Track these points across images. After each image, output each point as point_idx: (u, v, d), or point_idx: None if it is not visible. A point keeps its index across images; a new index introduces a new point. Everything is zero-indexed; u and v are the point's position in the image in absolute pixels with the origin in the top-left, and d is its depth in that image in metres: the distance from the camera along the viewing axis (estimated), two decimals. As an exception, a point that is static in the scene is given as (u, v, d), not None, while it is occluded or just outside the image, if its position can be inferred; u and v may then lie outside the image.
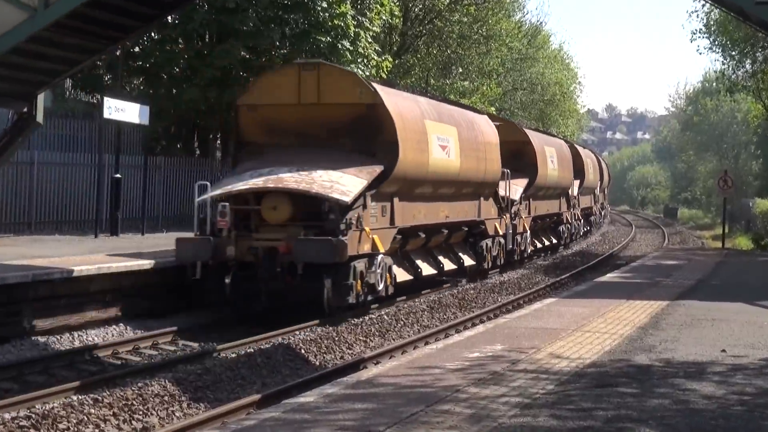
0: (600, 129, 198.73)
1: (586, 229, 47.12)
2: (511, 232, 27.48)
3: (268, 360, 13.81)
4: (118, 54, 25.48)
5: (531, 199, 31.34)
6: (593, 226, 51.12)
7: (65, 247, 19.58)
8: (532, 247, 31.75)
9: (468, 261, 23.90)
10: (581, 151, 44.73)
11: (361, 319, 17.53)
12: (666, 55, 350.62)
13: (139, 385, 11.76)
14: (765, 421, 7.73)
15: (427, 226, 21.09)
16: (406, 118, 19.50)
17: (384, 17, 34.50)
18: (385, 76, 31.28)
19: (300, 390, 10.84)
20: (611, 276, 22.24)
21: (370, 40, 31.18)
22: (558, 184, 35.57)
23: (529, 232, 30.67)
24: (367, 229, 17.58)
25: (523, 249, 30.11)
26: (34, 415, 10.24)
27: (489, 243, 25.44)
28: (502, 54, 52.12)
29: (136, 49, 28.71)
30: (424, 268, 21.18)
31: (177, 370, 12.88)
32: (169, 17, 24.21)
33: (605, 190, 60.61)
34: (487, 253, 25.28)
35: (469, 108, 28.53)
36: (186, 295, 18.06)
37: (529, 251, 31.19)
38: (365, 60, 30.18)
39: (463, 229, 23.89)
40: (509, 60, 56.53)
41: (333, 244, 16.26)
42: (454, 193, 22.74)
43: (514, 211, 28.08)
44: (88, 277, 15.78)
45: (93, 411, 10.56)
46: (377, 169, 18.30)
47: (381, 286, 18.22)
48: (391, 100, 19.15)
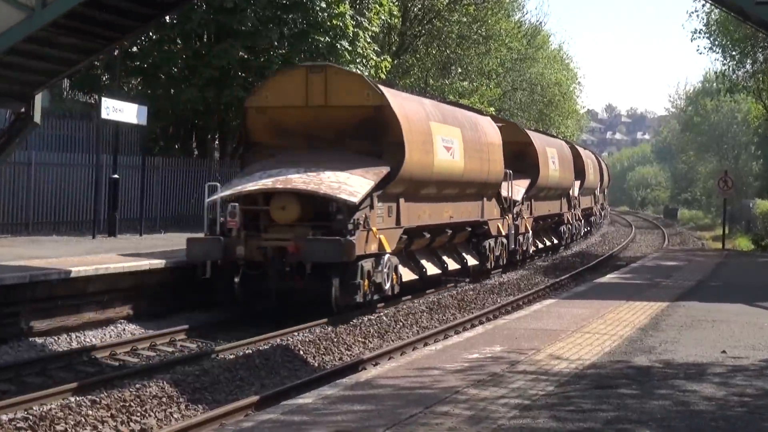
0: (600, 129, 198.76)
1: (586, 229, 47.26)
2: (513, 232, 27.61)
3: (266, 361, 13.79)
4: (115, 54, 25.43)
5: (533, 200, 31.50)
6: (593, 226, 51.20)
7: (63, 248, 19.54)
8: (533, 248, 31.86)
9: (471, 261, 24.04)
10: (582, 151, 44.90)
11: (359, 320, 17.53)
12: (666, 55, 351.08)
13: (137, 386, 11.72)
14: (766, 423, 7.72)
15: (431, 226, 21.27)
16: (412, 119, 19.69)
17: (383, 17, 34.49)
18: (383, 76, 31.26)
19: (298, 391, 10.81)
20: (611, 277, 22.22)
21: (368, 40, 31.17)
22: (559, 184, 35.72)
23: (531, 232, 30.78)
24: (374, 229, 17.77)
25: (525, 249, 30.22)
26: (31, 417, 10.23)
27: (492, 243, 25.56)
28: (502, 54, 52.11)
29: (134, 49, 28.71)
30: (429, 267, 21.38)
31: (175, 372, 12.85)
32: (167, 17, 24.17)
33: (605, 190, 60.76)
34: (490, 254, 25.42)
35: (473, 109, 28.67)
36: (184, 296, 18.07)
37: (531, 251, 31.32)
38: (364, 60, 30.16)
39: (467, 229, 24.04)
40: (509, 60, 56.49)
41: (341, 244, 16.47)
42: (458, 193, 22.90)
43: (516, 211, 28.19)
44: (86, 277, 15.71)
45: (91, 412, 10.54)
46: (384, 170, 18.51)
47: (387, 286, 18.43)
48: (397, 102, 19.36)
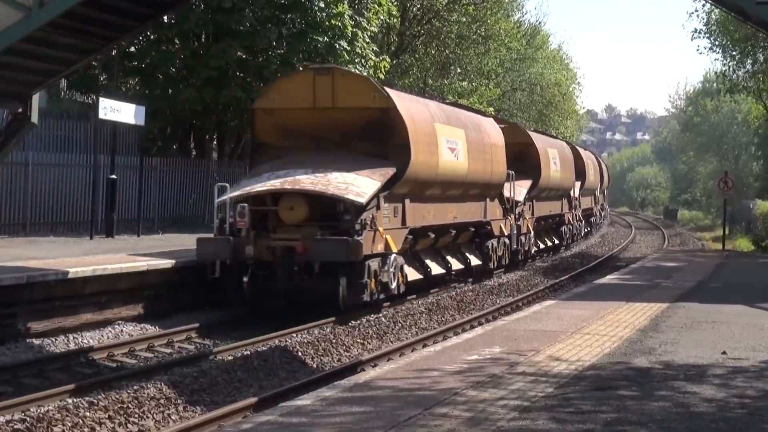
0: (599, 130, 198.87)
1: (586, 230, 47.46)
2: (515, 232, 27.83)
3: (264, 363, 13.75)
4: (113, 54, 25.37)
5: (534, 200, 31.74)
6: (593, 227, 51.30)
7: (60, 249, 19.50)
8: (535, 248, 32.09)
9: (474, 261, 24.26)
10: (582, 152, 45.17)
11: (359, 321, 17.50)
12: (666, 55, 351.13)
13: (134, 387, 11.68)
14: (766, 424, 7.70)
15: (436, 226, 21.51)
16: (418, 121, 19.94)
17: (382, 17, 34.44)
18: (382, 76, 31.21)
19: (297, 393, 10.78)
20: (611, 278, 22.22)
21: (367, 40, 31.13)
22: (560, 185, 35.99)
23: (532, 232, 30.99)
24: (380, 229, 17.99)
25: (527, 249, 30.44)
26: (28, 419, 10.18)
27: (495, 243, 25.77)
28: (501, 54, 52.08)
29: (132, 49, 28.63)
30: (433, 267, 21.62)
31: (173, 373, 12.81)
32: (165, 17, 24.12)
33: (605, 191, 60.88)
34: (493, 253, 25.61)
35: (476, 110, 28.92)
36: (183, 297, 18.13)
37: (532, 252, 31.55)
38: (363, 60, 30.12)
39: (470, 229, 24.27)
40: (508, 60, 56.47)
41: (349, 244, 16.71)
42: (462, 194, 23.13)
43: (518, 212, 28.42)
44: (83, 278, 15.67)
45: (88, 414, 10.50)
46: (390, 171, 18.75)
47: (394, 285, 18.66)
48: (403, 104, 19.62)
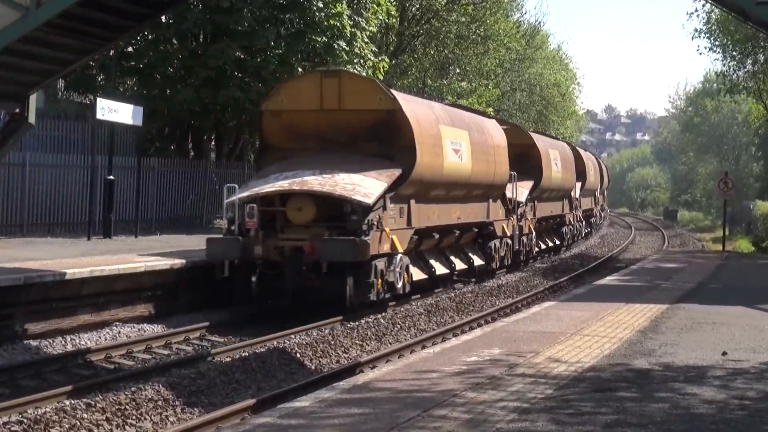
0: (599, 130, 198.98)
1: (587, 230, 47.65)
2: (517, 233, 28.05)
3: (263, 364, 13.69)
4: (111, 54, 25.36)
5: (536, 201, 31.96)
6: (593, 227, 51.37)
7: (57, 250, 19.46)
8: (537, 248, 32.31)
9: (477, 261, 24.47)
10: (582, 153, 45.46)
11: (357, 323, 17.49)
12: (666, 55, 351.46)
13: (132, 389, 11.64)
14: (766, 426, 7.69)
15: (440, 226, 21.74)
16: (423, 123, 20.17)
17: (380, 17, 34.40)
18: (381, 76, 31.15)
19: (295, 394, 10.75)
20: (610, 279, 22.22)
21: (366, 41, 31.09)
22: (561, 186, 36.26)
23: (534, 233, 31.22)
24: (387, 229, 18.21)
25: (529, 250, 30.68)
26: (26, 420, 10.15)
27: (497, 243, 25.96)
28: (500, 54, 52.01)
29: (130, 49, 28.61)
30: (438, 267, 21.85)
31: (171, 375, 12.78)
32: (162, 17, 24.08)
33: (605, 192, 60.98)
34: (496, 254, 25.80)
35: (479, 112, 29.17)
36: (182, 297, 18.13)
37: (534, 252, 31.78)
38: (361, 60, 30.07)
39: (473, 230, 24.47)
40: (507, 60, 56.37)
41: (356, 244, 16.95)
42: (466, 195, 23.36)
43: (520, 212, 28.64)
44: (81, 279, 15.60)
45: (86, 416, 10.46)
46: (396, 172, 18.99)
47: (399, 285, 18.89)
48: (409, 106, 19.85)
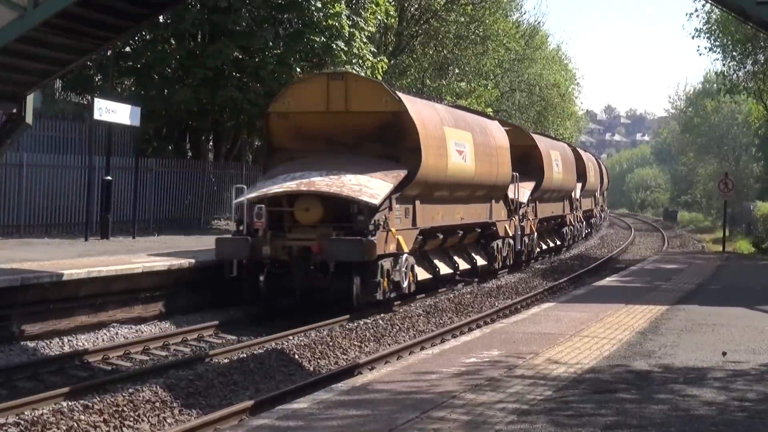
0: (599, 131, 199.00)
1: (587, 231, 47.84)
2: (519, 233, 28.26)
3: (261, 365, 13.67)
4: (108, 54, 25.32)
5: (537, 202, 32.17)
6: (593, 228, 51.48)
7: (55, 251, 19.43)
8: (538, 249, 32.51)
9: (480, 261, 24.72)
10: (583, 154, 45.73)
11: (356, 324, 17.49)
12: (666, 56, 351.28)
13: (129, 391, 11.62)
14: (766, 428, 7.66)
15: (444, 227, 22.00)
16: (428, 125, 20.42)
17: (379, 17, 34.41)
18: (380, 77, 31.13)
19: (293, 396, 10.72)
20: (610, 280, 22.21)
21: (365, 41, 31.07)
22: (562, 187, 36.52)
23: (535, 233, 31.41)
24: (393, 229, 18.47)
25: (531, 250, 30.91)
26: (23, 422, 10.13)
27: (500, 244, 26.18)
28: (499, 55, 51.97)
29: (127, 49, 28.57)
30: (442, 267, 22.13)
31: (168, 376, 12.75)
32: (160, 17, 24.04)
33: (605, 192, 61.13)
34: (498, 254, 26.02)
35: (482, 114, 29.48)
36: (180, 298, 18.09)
37: (536, 252, 32.00)
38: (360, 61, 30.04)
39: (476, 230, 24.69)
40: (506, 61, 56.34)
41: (363, 244, 17.24)
42: (469, 195, 23.60)
43: (522, 213, 28.85)
44: (78, 280, 15.55)
45: (83, 417, 10.43)
46: (401, 173, 19.29)
47: (405, 284, 19.15)
48: (414, 108, 20.12)
